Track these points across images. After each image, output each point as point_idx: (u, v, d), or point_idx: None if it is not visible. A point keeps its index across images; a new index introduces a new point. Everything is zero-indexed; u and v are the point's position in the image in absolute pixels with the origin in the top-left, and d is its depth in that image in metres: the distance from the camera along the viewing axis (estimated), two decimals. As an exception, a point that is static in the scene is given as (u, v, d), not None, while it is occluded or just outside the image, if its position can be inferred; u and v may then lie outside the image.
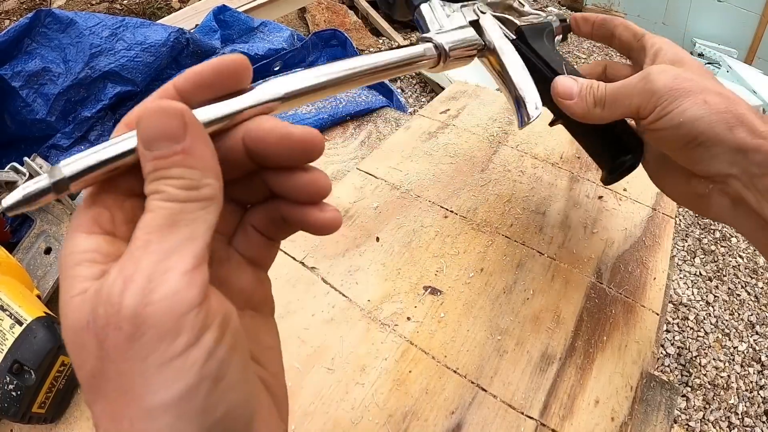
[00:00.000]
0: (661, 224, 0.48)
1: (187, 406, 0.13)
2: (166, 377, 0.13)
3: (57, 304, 0.45)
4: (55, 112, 0.54)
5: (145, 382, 0.13)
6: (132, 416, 0.13)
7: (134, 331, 0.13)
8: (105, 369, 0.14)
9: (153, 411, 0.13)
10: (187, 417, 0.13)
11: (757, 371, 1.52)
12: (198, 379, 0.14)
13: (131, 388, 0.13)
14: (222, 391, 0.14)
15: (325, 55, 0.86)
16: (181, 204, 0.15)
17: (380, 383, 0.34)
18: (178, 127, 0.15)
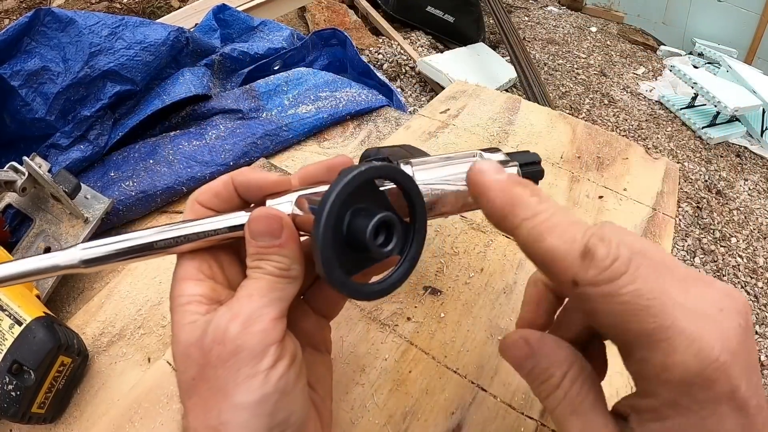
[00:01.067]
0: (661, 224, 0.48)
1: (261, 408, 0.19)
2: (250, 385, 0.19)
3: (57, 304, 0.45)
4: (54, 112, 0.54)
5: (235, 386, 0.19)
6: (221, 409, 0.19)
7: (234, 349, 0.19)
8: (205, 374, 0.20)
9: (237, 407, 0.19)
10: (259, 416, 0.19)
11: (757, 371, 1.52)
12: (272, 391, 0.19)
13: (224, 388, 0.19)
14: (287, 402, 0.20)
15: (324, 55, 0.86)
16: (276, 278, 0.21)
17: (380, 383, 0.34)
18: (278, 228, 0.22)
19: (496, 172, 0.20)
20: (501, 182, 0.20)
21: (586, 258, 0.17)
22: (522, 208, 0.19)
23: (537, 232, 0.18)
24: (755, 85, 2.54)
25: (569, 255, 0.17)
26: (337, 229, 0.20)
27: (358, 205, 0.21)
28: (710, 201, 2.14)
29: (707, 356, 0.16)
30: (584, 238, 0.17)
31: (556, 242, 0.18)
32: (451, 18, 2.72)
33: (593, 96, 2.74)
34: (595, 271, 0.17)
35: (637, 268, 0.17)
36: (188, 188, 0.55)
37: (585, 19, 3.64)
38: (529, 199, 0.19)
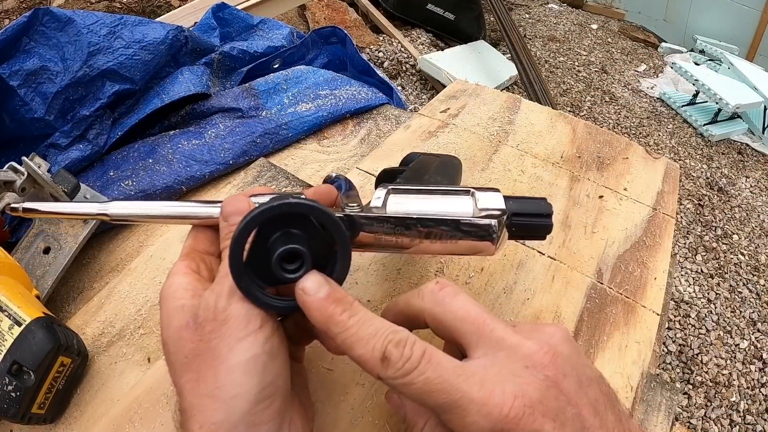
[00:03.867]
0: (661, 224, 0.48)
1: (253, 366, 0.22)
2: (241, 347, 0.22)
3: (56, 305, 0.45)
4: (53, 111, 0.54)
5: (229, 350, 0.22)
6: (216, 374, 0.22)
7: (225, 319, 0.23)
8: (198, 349, 0.23)
9: (231, 368, 0.22)
10: (251, 374, 0.22)
11: (759, 368, 1.52)
12: (261, 351, 0.22)
13: (218, 355, 0.22)
14: (274, 364, 0.23)
15: (324, 53, 0.86)
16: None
17: (380, 384, 0.34)
18: (245, 207, 0.25)
19: (315, 291, 0.23)
20: (318, 302, 0.23)
21: (384, 362, 0.22)
22: (334, 326, 0.23)
23: (347, 344, 0.22)
24: (757, 82, 2.53)
25: (371, 360, 0.22)
26: (261, 241, 0.23)
27: (292, 228, 0.24)
28: (712, 198, 2.13)
29: (497, 415, 0.20)
30: (382, 347, 0.22)
31: (361, 351, 0.22)
32: (452, 16, 2.71)
33: (594, 93, 2.73)
34: (392, 371, 0.21)
35: (428, 361, 0.21)
36: (187, 187, 0.55)
37: (586, 16, 3.63)
38: (339, 318, 0.23)
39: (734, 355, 1.55)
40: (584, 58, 3.05)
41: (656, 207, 0.49)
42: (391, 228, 0.27)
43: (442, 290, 0.25)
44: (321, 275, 0.24)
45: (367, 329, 0.23)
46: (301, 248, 0.23)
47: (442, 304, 0.25)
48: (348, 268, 0.25)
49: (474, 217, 0.27)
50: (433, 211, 0.27)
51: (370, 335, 0.22)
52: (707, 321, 1.64)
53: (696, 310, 1.66)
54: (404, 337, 0.22)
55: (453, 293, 0.25)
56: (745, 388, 1.47)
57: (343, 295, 0.24)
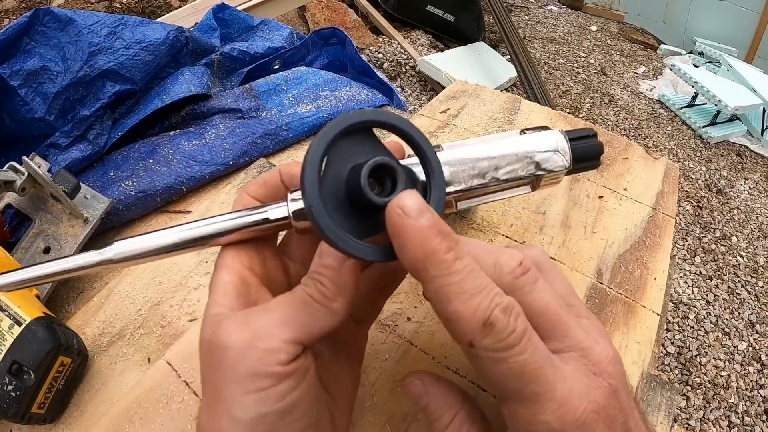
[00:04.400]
0: (661, 224, 0.48)
1: (258, 426, 0.19)
2: (247, 401, 0.19)
3: (56, 304, 0.45)
4: (53, 111, 0.54)
5: (234, 399, 0.19)
6: (220, 418, 0.19)
7: (234, 360, 0.19)
8: (210, 376, 0.20)
9: (234, 421, 0.19)
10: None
11: (757, 370, 1.52)
12: (269, 411, 0.19)
13: (225, 398, 0.19)
14: (287, 422, 0.19)
15: (324, 54, 0.86)
16: (312, 300, 0.20)
17: (380, 383, 0.34)
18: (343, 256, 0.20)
19: (417, 215, 0.18)
20: (419, 230, 0.18)
21: (485, 327, 0.18)
22: (435, 266, 0.18)
23: (444, 293, 0.18)
24: (756, 84, 2.54)
25: (471, 322, 0.18)
26: (334, 184, 0.19)
27: (360, 160, 0.19)
28: (711, 200, 2.13)
29: (570, 418, 0.19)
30: (488, 309, 0.18)
31: (461, 308, 0.18)
32: (452, 17, 2.71)
33: (593, 95, 2.73)
34: (491, 340, 0.18)
35: (529, 339, 0.19)
36: (188, 188, 0.55)
37: (585, 18, 3.63)
38: (444, 256, 0.18)
39: (733, 357, 1.55)
40: (583, 60, 3.05)
41: (656, 207, 0.49)
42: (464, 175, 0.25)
43: (524, 276, 0.21)
44: (421, 197, 0.19)
45: (474, 281, 0.18)
46: (391, 160, 0.19)
47: (522, 292, 0.21)
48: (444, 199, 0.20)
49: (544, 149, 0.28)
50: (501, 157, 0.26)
51: (476, 289, 0.18)
52: (706, 323, 1.64)
53: (695, 311, 1.67)
54: (511, 302, 0.19)
55: (533, 281, 0.21)
56: (744, 389, 1.47)
57: (448, 228, 0.19)
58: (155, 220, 0.54)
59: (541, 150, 0.28)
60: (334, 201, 0.19)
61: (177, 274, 0.44)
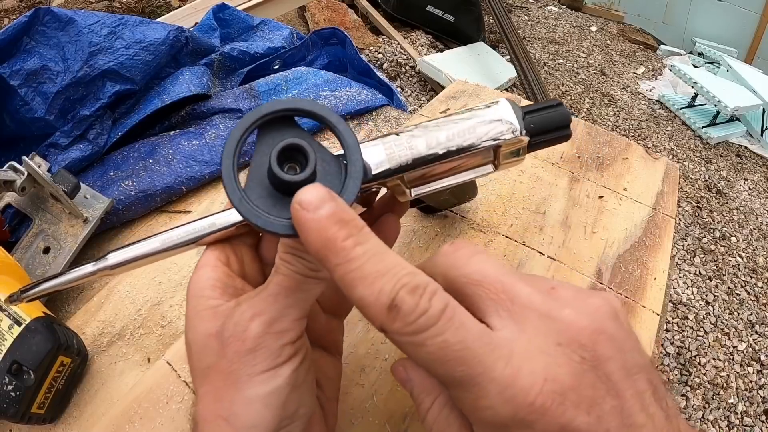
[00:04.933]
0: (661, 224, 0.48)
1: (272, 399, 0.20)
2: (264, 378, 0.20)
3: (56, 304, 0.45)
4: (53, 111, 0.54)
5: (249, 379, 0.20)
6: (233, 400, 0.20)
7: (254, 347, 0.20)
8: (219, 365, 0.20)
9: (248, 399, 0.20)
10: (270, 407, 0.20)
11: (757, 371, 1.52)
12: (284, 384, 0.20)
13: (238, 380, 0.20)
14: (297, 394, 0.21)
15: (324, 54, 0.86)
16: (304, 278, 0.21)
17: (380, 384, 0.34)
18: None
19: (315, 208, 0.18)
20: (316, 222, 0.18)
21: (391, 311, 0.17)
22: (334, 254, 0.18)
23: (347, 280, 0.18)
24: (755, 84, 2.54)
25: (375, 306, 0.17)
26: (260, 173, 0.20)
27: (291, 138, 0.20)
28: (710, 200, 2.14)
29: (521, 401, 0.16)
30: (392, 291, 0.17)
31: (364, 293, 0.17)
32: (451, 17, 2.71)
33: (593, 95, 2.74)
34: (400, 324, 0.17)
35: (449, 318, 0.17)
36: (188, 188, 0.55)
37: (585, 18, 3.64)
38: (341, 244, 0.18)
39: (732, 357, 1.55)
40: (583, 60, 3.05)
41: (656, 207, 0.49)
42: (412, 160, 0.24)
43: (457, 252, 0.21)
44: (325, 188, 0.19)
45: (376, 264, 0.18)
46: (302, 141, 0.20)
47: (455, 267, 0.20)
48: (359, 183, 0.20)
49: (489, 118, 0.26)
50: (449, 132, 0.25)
51: (378, 273, 0.18)
52: (705, 323, 1.64)
53: (694, 312, 1.67)
54: (423, 282, 0.18)
55: (468, 254, 0.21)
56: (743, 390, 1.47)
57: (350, 216, 0.19)
58: (155, 220, 0.54)
59: (484, 119, 0.26)
60: (261, 188, 0.20)
61: (177, 274, 0.44)
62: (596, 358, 0.17)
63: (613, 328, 0.18)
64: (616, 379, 0.17)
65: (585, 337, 0.18)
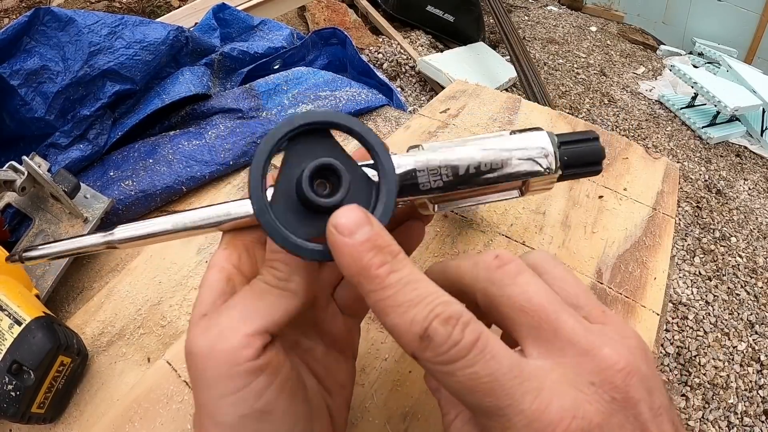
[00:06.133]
0: (661, 224, 0.48)
1: (242, 429, 0.19)
2: (226, 405, 0.19)
3: (56, 304, 0.45)
4: (53, 111, 0.54)
5: (213, 405, 0.19)
6: (207, 425, 0.19)
7: (201, 366, 0.19)
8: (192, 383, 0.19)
9: (219, 426, 0.19)
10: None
11: (757, 371, 1.52)
12: (249, 412, 0.19)
13: (205, 405, 0.19)
14: (269, 422, 0.19)
15: (324, 54, 0.86)
16: (269, 287, 0.20)
17: (380, 383, 0.34)
18: None
19: (350, 233, 0.18)
20: (351, 247, 0.18)
21: (423, 341, 0.17)
22: (368, 281, 0.18)
23: (381, 307, 0.18)
24: (755, 84, 2.54)
25: (407, 335, 0.17)
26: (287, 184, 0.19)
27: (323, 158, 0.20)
28: (710, 201, 2.14)
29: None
30: (425, 321, 0.17)
31: (396, 321, 0.17)
32: (451, 17, 2.72)
33: (593, 95, 2.74)
34: (431, 353, 0.17)
35: (480, 351, 0.17)
36: (188, 188, 0.55)
37: (585, 18, 3.64)
38: (376, 271, 0.18)
39: (732, 357, 1.55)
40: (583, 61, 3.05)
41: (656, 207, 0.49)
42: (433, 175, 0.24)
43: (502, 267, 0.20)
44: (362, 210, 0.19)
45: (410, 293, 0.18)
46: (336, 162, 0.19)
47: (499, 285, 0.20)
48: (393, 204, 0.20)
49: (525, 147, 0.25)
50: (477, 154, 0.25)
51: (411, 302, 0.18)
52: (705, 323, 1.64)
53: (694, 312, 1.67)
54: (456, 312, 0.17)
55: (514, 273, 0.20)
56: (743, 390, 1.47)
57: (386, 242, 0.18)
58: (155, 220, 0.54)
59: (522, 153, 0.25)
60: (287, 201, 0.19)
61: (177, 274, 0.44)
62: (627, 400, 0.17)
63: (645, 368, 0.18)
64: (644, 420, 0.17)
65: (619, 380, 0.17)
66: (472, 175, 0.25)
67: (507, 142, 0.26)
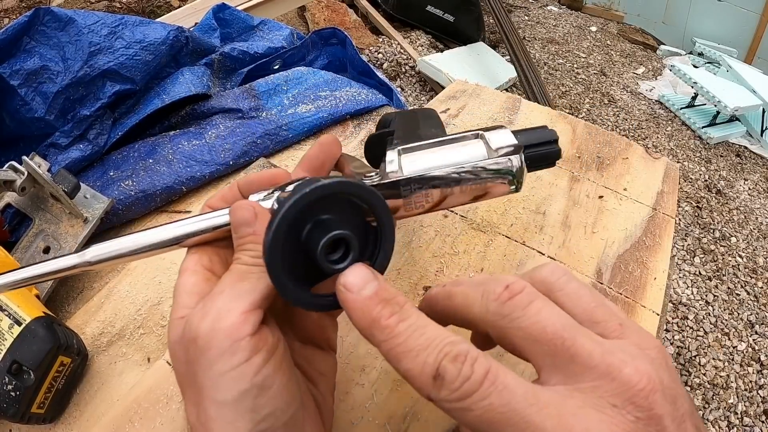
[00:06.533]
0: (661, 224, 0.48)
1: (242, 405, 0.19)
2: (226, 382, 0.19)
3: (56, 304, 0.45)
4: (53, 111, 0.54)
5: (212, 384, 0.20)
6: (206, 404, 0.20)
7: (204, 347, 0.20)
8: (188, 371, 0.21)
9: (219, 405, 0.19)
10: (241, 412, 0.19)
11: (757, 371, 1.52)
12: (249, 387, 0.19)
13: (204, 386, 0.20)
14: (268, 397, 0.20)
15: (324, 54, 0.86)
16: (248, 267, 0.22)
17: (380, 384, 0.34)
18: (251, 216, 0.22)
19: (359, 289, 0.20)
20: (361, 302, 0.20)
21: (436, 381, 0.18)
22: (379, 332, 0.19)
23: (393, 355, 0.19)
24: (755, 84, 2.54)
25: (421, 378, 0.18)
26: (293, 235, 0.21)
27: (322, 215, 0.21)
28: (710, 201, 2.14)
29: None
30: (436, 362, 0.18)
31: (409, 366, 0.18)
32: (451, 17, 2.72)
33: (593, 95, 2.74)
34: (446, 392, 0.18)
35: (491, 383, 0.17)
36: (188, 188, 0.55)
37: (585, 18, 3.64)
38: (386, 322, 0.19)
39: (732, 358, 1.55)
40: (583, 61, 3.05)
41: (656, 207, 0.49)
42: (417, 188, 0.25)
43: (511, 300, 0.20)
44: (367, 268, 0.21)
45: (418, 339, 0.19)
46: (347, 233, 0.20)
47: (509, 318, 0.20)
48: (391, 252, 0.22)
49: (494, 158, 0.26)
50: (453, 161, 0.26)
51: (421, 347, 0.18)
52: (705, 323, 1.64)
53: (694, 312, 1.67)
54: (464, 350, 0.18)
55: (524, 304, 0.20)
56: (743, 390, 1.47)
57: (392, 294, 0.20)
58: (155, 220, 0.54)
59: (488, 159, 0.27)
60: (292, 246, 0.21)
61: (176, 274, 0.43)
62: (651, 417, 0.17)
63: (667, 379, 0.18)
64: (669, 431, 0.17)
65: (642, 399, 0.17)
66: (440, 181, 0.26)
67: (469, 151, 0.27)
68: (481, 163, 0.26)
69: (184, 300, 0.22)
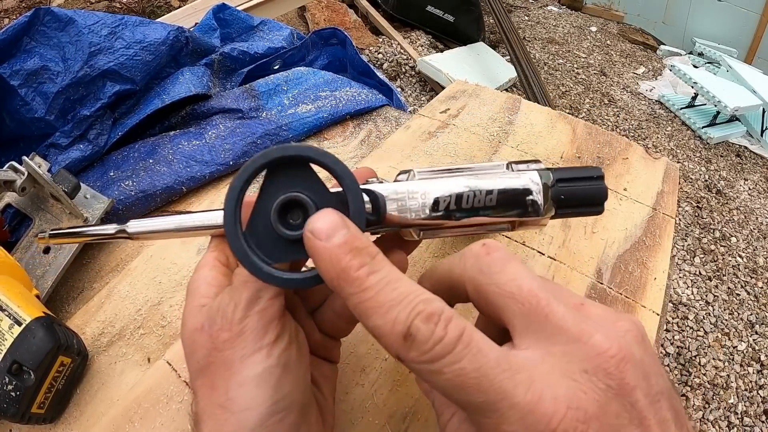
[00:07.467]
0: (661, 224, 0.48)
1: (265, 380, 0.20)
2: (255, 360, 0.20)
3: (56, 304, 0.45)
4: (53, 111, 0.54)
5: (241, 362, 0.20)
6: (228, 386, 0.20)
7: (240, 331, 0.21)
8: (212, 357, 0.21)
9: (242, 381, 0.20)
10: (263, 387, 0.20)
11: (757, 371, 1.52)
12: (275, 364, 0.21)
13: (231, 366, 0.21)
14: (289, 377, 0.21)
15: (324, 54, 0.86)
16: None
17: (380, 383, 0.34)
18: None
19: (327, 236, 0.19)
20: (329, 250, 0.18)
21: (407, 340, 0.17)
22: (348, 284, 0.18)
23: (361, 309, 0.18)
24: (755, 84, 2.54)
25: (390, 335, 0.17)
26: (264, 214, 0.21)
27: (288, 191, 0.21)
28: (710, 201, 2.14)
29: (543, 428, 0.16)
30: (407, 320, 0.17)
31: (378, 322, 0.17)
32: (451, 17, 2.72)
33: (593, 95, 2.74)
34: (416, 353, 0.17)
35: (465, 346, 0.17)
36: (188, 188, 0.55)
37: (585, 18, 3.64)
38: (356, 273, 0.18)
39: (732, 358, 1.55)
40: (583, 61, 3.05)
41: (656, 207, 0.49)
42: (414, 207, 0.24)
43: (489, 255, 0.20)
44: (337, 214, 0.19)
45: (390, 293, 0.18)
46: (302, 194, 0.20)
47: (487, 273, 0.20)
48: (362, 212, 0.21)
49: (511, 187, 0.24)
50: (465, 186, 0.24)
51: (392, 302, 0.17)
52: (705, 323, 1.64)
53: (694, 312, 1.67)
54: (437, 309, 0.17)
55: (503, 260, 0.20)
56: (743, 390, 1.47)
57: (364, 244, 0.19)
58: (155, 220, 0.54)
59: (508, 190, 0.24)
60: (265, 229, 0.21)
61: (177, 274, 0.44)
62: (622, 387, 0.17)
63: (640, 353, 0.18)
64: (641, 407, 0.17)
65: (613, 366, 0.17)
66: (454, 210, 0.24)
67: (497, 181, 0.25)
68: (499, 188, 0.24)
69: (204, 290, 0.23)
